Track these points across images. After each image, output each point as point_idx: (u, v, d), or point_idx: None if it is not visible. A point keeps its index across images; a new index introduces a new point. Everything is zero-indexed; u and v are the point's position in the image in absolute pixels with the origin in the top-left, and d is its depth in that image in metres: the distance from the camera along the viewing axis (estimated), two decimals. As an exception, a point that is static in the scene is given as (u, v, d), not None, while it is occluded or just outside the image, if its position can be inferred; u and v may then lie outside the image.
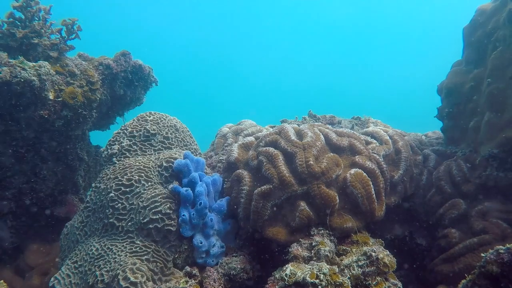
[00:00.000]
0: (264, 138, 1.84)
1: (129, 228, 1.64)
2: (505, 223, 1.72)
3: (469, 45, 2.26)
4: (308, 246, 1.55)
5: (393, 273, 1.50)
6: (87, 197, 1.87)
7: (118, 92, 2.61)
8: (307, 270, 1.36)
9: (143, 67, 2.68)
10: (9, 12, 2.21)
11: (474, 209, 1.82)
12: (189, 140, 2.10)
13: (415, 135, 2.48)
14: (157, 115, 2.03)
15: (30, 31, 2.24)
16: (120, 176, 1.75)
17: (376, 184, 1.73)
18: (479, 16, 2.21)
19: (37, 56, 2.28)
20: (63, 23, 2.40)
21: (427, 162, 2.15)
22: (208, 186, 1.73)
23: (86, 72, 2.38)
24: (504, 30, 1.92)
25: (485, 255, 1.03)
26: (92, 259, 1.62)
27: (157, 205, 1.63)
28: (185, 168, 1.74)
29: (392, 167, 1.95)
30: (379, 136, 2.04)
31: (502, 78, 1.87)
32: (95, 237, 1.72)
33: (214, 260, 1.67)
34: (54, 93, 2.17)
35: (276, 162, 1.66)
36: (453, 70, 2.35)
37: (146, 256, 1.56)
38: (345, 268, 1.45)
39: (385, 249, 1.54)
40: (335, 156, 1.72)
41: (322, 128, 1.90)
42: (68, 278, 1.63)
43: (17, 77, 1.99)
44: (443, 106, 2.35)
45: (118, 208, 1.68)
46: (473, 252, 1.69)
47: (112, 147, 1.92)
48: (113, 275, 1.49)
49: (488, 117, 1.91)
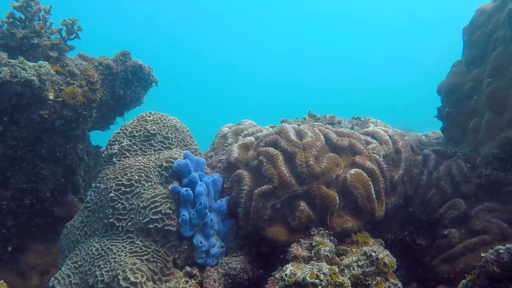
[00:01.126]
0: (264, 138, 1.84)
1: (129, 228, 1.64)
2: (505, 223, 1.72)
3: (469, 45, 2.26)
4: (308, 246, 1.55)
5: (393, 273, 1.50)
6: (87, 197, 1.87)
7: (118, 92, 2.61)
8: (307, 270, 1.36)
9: (143, 67, 2.68)
10: (9, 12, 2.21)
11: (474, 209, 1.82)
12: (189, 140, 2.10)
13: (415, 135, 2.48)
14: (157, 115, 2.03)
15: (30, 31, 2.24)
16: (120, 176, 1.75)
17: (376, 184, 1.73)
18: (479, 16, 2.21)
19: (37, 56, 2.28)
20: (63, 23, 2.40)
21: (427, 162, 2.15)
22: (208, 186, 1.73)
23: (86, 72, 2.38)
24: (504, 30, 1.92)
25: (485, 255, 1.03)
26: (92, 259, 1.61)
27: (157, 205, 1.63)
28: (185, 168, 1.74)
29: (392, 167, 1.95)
30: (379, 136, 2.04)
31: (502, 78, 1.87)
32: (95, 237, 1.72)
33: (214, 260, 1.66)
34: (54, 93, 2.17)
35: (276, 162, 1.66)
36: (453, 70, 2.35)
37: (146, 256, 1.56)
38: (345, 268, 1.45)
39: (385, 249, 1.54)
40: (335, 156, 1.72)
41: (322, 128, 1.90)
42: (68, 278, 1.63)
43: (17, 77, 1.99)
44: (443, 106, 2.35)
45: (118, 208, 1.68)
46: (473, 252, 1.69)
47: (112, 147, 1.92)
48: (113, 275, 1.49)
49: (488, 117, 1.91)
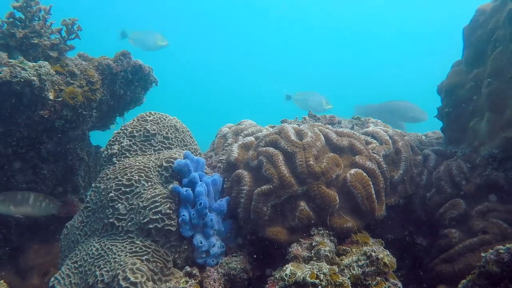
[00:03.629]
0: (264, 138, 1.84)
1: (129, 228, 1.64)
2: (505, 223, 1.72)
3: (469, 45, 2.26)
4: (308, 246, 1.55)
5: (393, 273, 1.50)
6: (87, 197, 1.87)
7: (118, 92, 2.61)
8: (307, 270, 1.36)
9: (143, 67, 2.68)
10: (9, 12, 2.21)
11: (474, 209, 1.82)
12: (189, 140, 2.09)
13: (415, 135, 2.48)
14: (157, 115, 2.03)
15: (30, 31, 2.24)
16: (120, 176, 1.75)
17: (376, 184, 1.73)
18: (479, 16, 2.21)
19: (37, 56, 2.27)
20: (63, 23, 2.40)
21: (427, 162, 2.15)
22: (208, 186, 1.73)
23: (86, 72, 2.38)
24: (504, 30, 1.92)
25: (485, 255, 1.03)
26: (92, 259, 1.62)
27: (157, 205, 1.63)
28: (185, 168, 1.74)
29: (392, 167, 1.95)
30: (379, 136, 2.04)
31: (502, 78, 1.87)
32: (95, 237, 1.72)
33: (214, 260, 1.67)
34: (54, 93, 2.17)
35: (276, 162, 1.66)
36: (453, 70, 2.35)
37: (146, 256, 1.56)
38: (345, 268, 1.45)
39: (385, 249, 1.54)
40: (335, 156, 1.72)
41: (322, 128, 1.90)
42: (68, 278, 1.63)
43: (17, 77, 1.99)
44: (443, 106, 2.35)
45: (118, 208, 1.68)
46: (473, 252, 1.69)
47: (112, 147, 1.92)
48: (113, 275, 1.49)
49: (488, 117, 1.91)
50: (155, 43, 5.47)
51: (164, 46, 5.57)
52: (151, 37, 5.48)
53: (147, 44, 5.51)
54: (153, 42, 5.48)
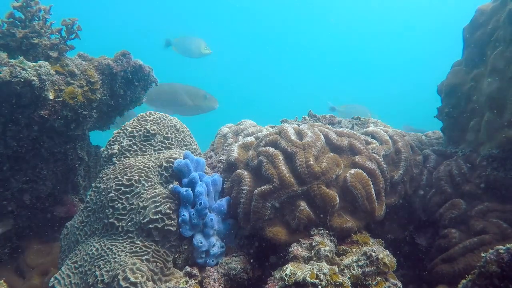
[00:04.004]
0: (264, 138, 1.84)
1: (129, 228, 1.64)
2: (505, 223, 1.72)
3: (469, 45, 2.26)
4: (308, 246, 1.55)
5: (393, 273, 1.50)
6: (87, 197, 1.87)
7: (118, 92, 2.61)
8: (307, 270, 1.36)
9: (143, 67, 2.68)
10: (9, 12, 2.21)
11: (474, 209, 1.82)
12: (189, 140, 2.09)
13: (415, 135, 2.48)
14: (157, 115, 2.03)
15: (30, 31, 2.24)
16: (120, 176, 1.75)
17: (376, 184, 1.73)
18: (479, 16, 2.21)
19: (37, 56, 2.27)
20: (63, 23, 2.40)
21: (427, 162, 2.15)
22: (208, 186, 1.73)
23: (86, 72, 2.38)
24: (504, 30, 1.92)
25: (485, 255, 1.03)
26: (92, 259, 1.61)
27: (157, 205, 1.63)
28: (185, 168, 1.74)
29: (392, 167, 1.95)
30: (379, 136, 2.04)
31: (502, 78, 1.88)
32: (95, 237, 1.72)
33: (214, 260, 1.67)
34: (54, 93, 2.17)
35: (276, 162, 1.66)
36: (453, 70, 2.35)
37: (146, 256, 1.56)
38: (345, 268, 1.45)
39: (385, 249, 1.54)
40: (335, 156, 1.72)
41: (322, 128, 1.90)
42: (68, 278, 1.63)
43: (17, 77, 1.99)
44: (443, 106, 2.35)
45: (118, 208, 1.68)
46: (473, 252, 1.69)
47: (112, 147, 1.92)
48: (113, 275, 1.49)
49: (488, 117, 1.91)
50: (199, 51, 5.28)
51: (207, 55, 5.35)
52: (195, 44, 5.29)
53: (190, 52, 5.34)
54: (196, 50, 5.29)
